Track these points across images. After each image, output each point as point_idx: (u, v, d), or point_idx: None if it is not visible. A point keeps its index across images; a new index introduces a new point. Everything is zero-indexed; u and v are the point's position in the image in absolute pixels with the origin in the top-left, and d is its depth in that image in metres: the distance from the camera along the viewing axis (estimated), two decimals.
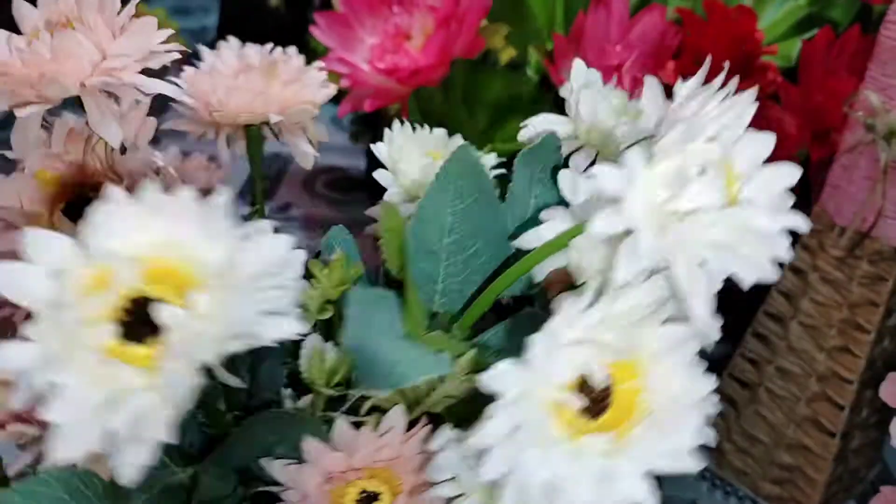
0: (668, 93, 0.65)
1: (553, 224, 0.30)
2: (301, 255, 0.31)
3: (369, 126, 0.81)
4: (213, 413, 0.34)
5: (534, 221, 0.34)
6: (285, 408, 0.36)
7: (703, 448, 0.26)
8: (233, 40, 0.44)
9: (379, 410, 0.35)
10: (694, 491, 0.82)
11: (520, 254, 0.32)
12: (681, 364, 0.27)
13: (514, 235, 0.34)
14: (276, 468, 0.32)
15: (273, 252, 0.26)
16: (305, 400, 0.36)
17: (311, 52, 0.51)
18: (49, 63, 0.32)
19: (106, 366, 0.23)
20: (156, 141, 0.43)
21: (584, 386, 0.26)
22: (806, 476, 0.77)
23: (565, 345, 0.24)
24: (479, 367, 0.30)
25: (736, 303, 0.31)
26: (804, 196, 0.69)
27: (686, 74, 0.61)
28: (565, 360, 0.24)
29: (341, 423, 0.32)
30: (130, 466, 0.24)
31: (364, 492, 0.33)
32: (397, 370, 0.26)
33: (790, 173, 0.27)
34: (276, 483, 0.33)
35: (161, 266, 0.25)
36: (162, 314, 0.23)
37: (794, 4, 0.73)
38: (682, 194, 0.25)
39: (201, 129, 0.43)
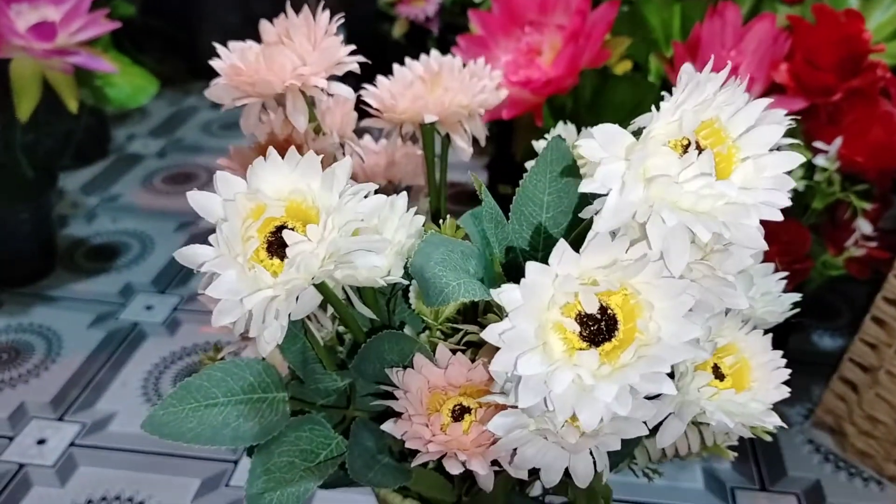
0: (781, 91, 0.66)
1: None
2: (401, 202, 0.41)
3: (494, 140, 0.91)
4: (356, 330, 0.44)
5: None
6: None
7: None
8: (423, 58, 0.54)
9: (476, 345, 0.43)
10: (818, 473, 0.79)
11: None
12: (674, 311, 0.32)
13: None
14: (393, 373, 0.42)
15: (371, 203, 0.36)
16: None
17: None
18: (263, 69, 0.45)
19: (252, 269, 0.35)
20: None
21: (588, 319, 0.33)
22: None
23: (556, 275, 0.31)
24: None
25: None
26: None
27: (798, 75, 0.64)
28: (556, 285, 0.31)
29: (441, 347, 0.42)
30: (267, 342, 0.36)
31: (459, 405, 0.42)
32: (445, 292, 0.35)
33: (792, 159, 0.32)
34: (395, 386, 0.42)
35: (296, 205, 0.36)
36: (287, 236, 0.34)
37: None
38: (667, 163, 0.30)
39: (387, 125, 0.54)
